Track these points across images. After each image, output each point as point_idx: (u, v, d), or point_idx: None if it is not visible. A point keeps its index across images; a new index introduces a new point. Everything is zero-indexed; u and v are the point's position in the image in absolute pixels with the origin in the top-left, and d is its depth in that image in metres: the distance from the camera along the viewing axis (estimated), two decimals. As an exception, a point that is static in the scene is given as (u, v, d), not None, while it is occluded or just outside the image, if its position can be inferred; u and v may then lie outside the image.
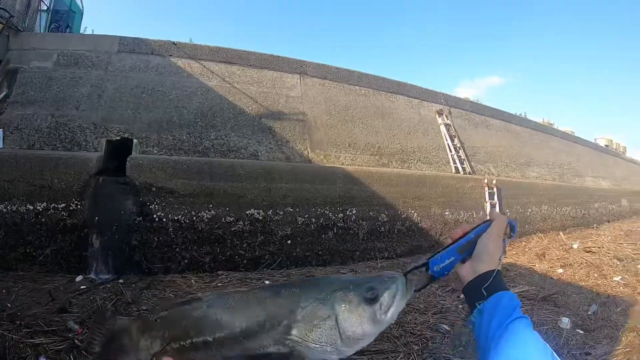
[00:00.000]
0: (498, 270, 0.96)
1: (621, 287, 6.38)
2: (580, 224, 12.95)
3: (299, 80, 8.07)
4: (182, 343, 0.86)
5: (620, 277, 6.75)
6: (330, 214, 6.36)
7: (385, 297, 0.86)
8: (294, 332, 0.82)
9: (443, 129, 9.86)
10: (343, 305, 0.84)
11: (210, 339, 0.84)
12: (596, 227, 13.31)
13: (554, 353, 0.80)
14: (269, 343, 0.82)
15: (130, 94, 6.58)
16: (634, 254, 9.15)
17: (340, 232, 6.45)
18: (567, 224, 12.14)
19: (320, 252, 6.23)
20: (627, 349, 3.99)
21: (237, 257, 5.66)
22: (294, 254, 6.03)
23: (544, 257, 8.10)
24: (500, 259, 0.98)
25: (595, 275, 6.96)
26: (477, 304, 0.95)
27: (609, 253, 8.82)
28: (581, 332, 4.29)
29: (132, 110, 6.45)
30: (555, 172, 14.21)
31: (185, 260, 5.41)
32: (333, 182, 6.56)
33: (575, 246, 9.11)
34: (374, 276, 0.92)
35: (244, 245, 5.70)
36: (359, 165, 7.63)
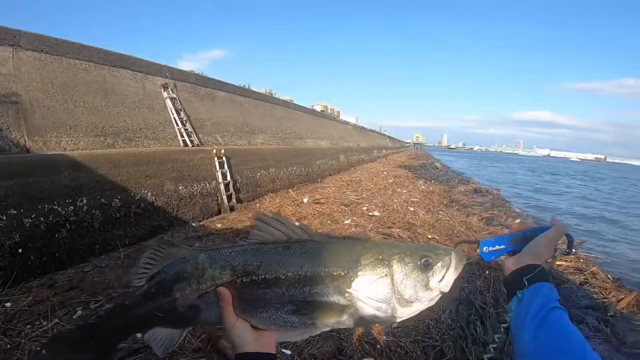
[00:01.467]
0: (542, 266, 1.06)
1: (353, 228, 8.10)
2: (306, 180, 15.95)
3: (11, 54, 7.29)
4: (253, 278, 0.98)
5: (350, 220, 8.79)
6: (59, 208, 6.27)
7: (438, 266, 0.98)
8: (354, 284, 0.95)
9: (169, 103, 10.49)
10: (400, 267, 0.97)
11: (282, 277, 0.97)
12: (320, 181, 16.57)
13: (588, 345, 0.87)
14: (331, 292, 0.95)
15: None
16: (357, 199, 11.92)
17: (74, 227, 6.41)
18: (294, 182, 14.78)
19: (57, 254, 6.08)
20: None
21: (-36, 285, 5.10)
22: (29, 263, 5.71)
23: (280, 214, 9.87)
24: (547, 262, 1.09)
25: (329, 222, 8.59)
26: (517, 292, 1.04)
27: (336, 201, 11.20)
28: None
29: None
30: (279, 137, 16.93)
31: None
32: (57, 172, 6.42)
33: (305, 200, 11.21)
34: (428, 247, 1.07)
35: (-31, 269, 5.16)
36: (83, 149, 7.56)
